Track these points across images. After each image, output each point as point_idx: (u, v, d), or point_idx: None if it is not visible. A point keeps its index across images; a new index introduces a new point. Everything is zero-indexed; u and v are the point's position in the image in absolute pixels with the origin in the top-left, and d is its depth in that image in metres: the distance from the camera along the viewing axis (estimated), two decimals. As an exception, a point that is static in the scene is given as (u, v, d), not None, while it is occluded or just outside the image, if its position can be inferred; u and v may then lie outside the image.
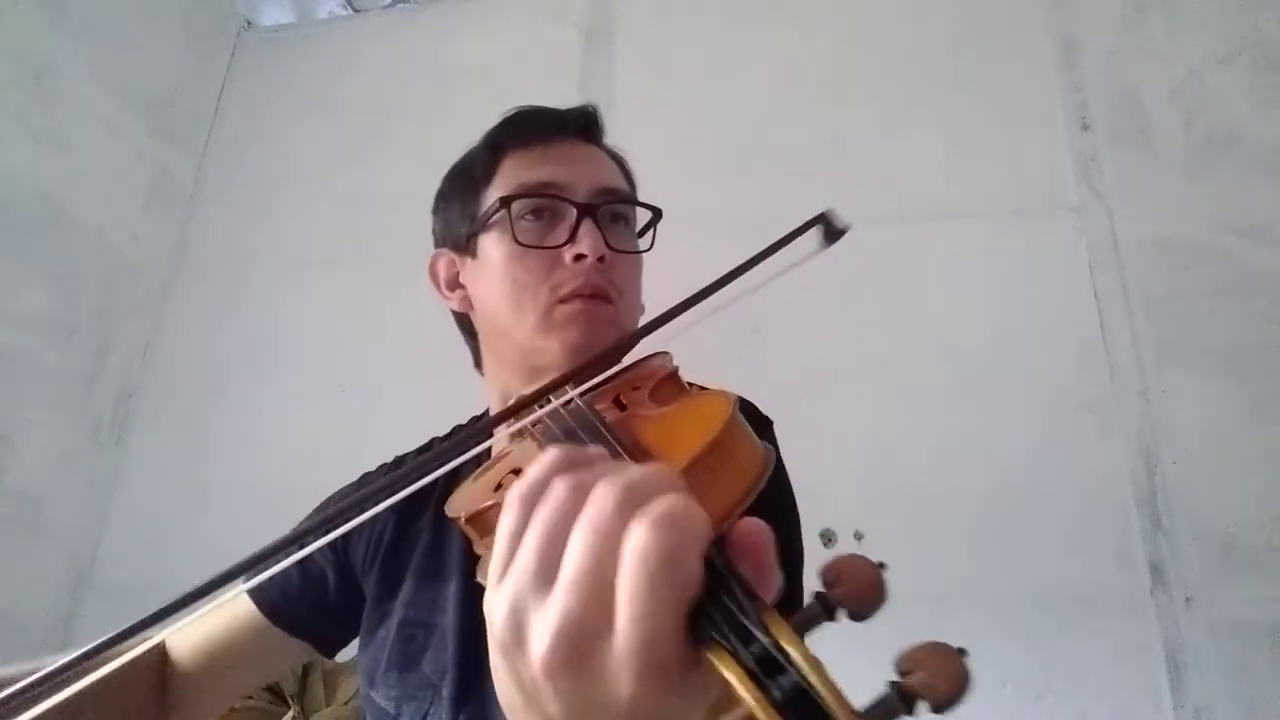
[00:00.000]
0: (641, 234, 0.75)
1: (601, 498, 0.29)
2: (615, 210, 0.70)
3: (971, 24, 1.64)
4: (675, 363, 0.59)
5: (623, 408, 0.52)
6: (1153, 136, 1.47)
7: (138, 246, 1.80)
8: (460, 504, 0.50)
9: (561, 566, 0.29)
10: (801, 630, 0.27)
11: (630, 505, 0.29)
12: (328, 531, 0.40)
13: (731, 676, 0.25)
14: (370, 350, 1.68)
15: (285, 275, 1.81)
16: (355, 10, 2.07)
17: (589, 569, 0.28)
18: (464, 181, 0.75)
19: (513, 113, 0.75)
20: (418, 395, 1.41)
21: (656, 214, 0.75)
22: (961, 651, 0.25)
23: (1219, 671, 1.15)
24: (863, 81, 1.65)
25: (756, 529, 0.30)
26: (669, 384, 0.56)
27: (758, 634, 0.26)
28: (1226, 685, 1.14)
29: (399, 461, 0.82)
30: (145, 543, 1.64)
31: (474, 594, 0.67)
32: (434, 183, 0.84)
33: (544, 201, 0.67)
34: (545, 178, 0.68)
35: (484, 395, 0.79)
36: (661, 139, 1.70)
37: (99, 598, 1.61)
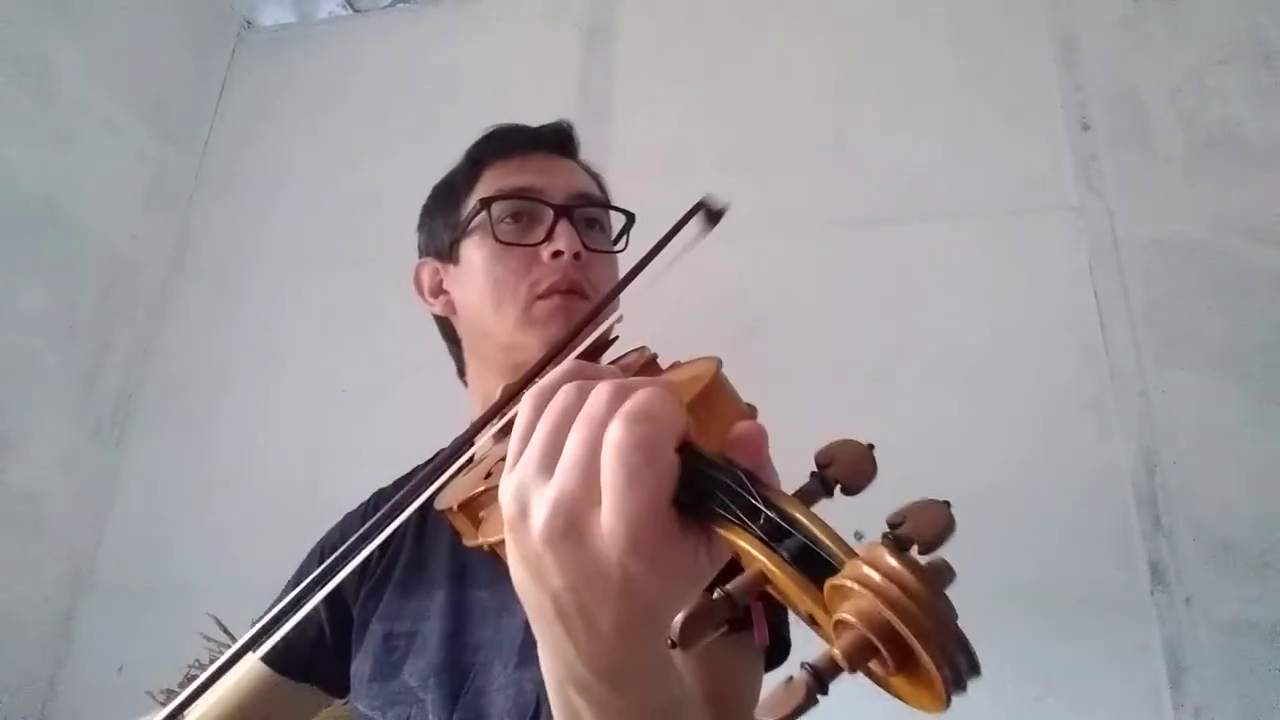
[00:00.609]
0: (617, 239, 0.79)
1: (596, 395, 0.33)
2: (590, 215, 0.75)
3: (972, 23, 1.64)
4: (651, 351, 0.61)
5: None
6: (1153, 136, 1.47)
7: (138, 246, 1.80)
8: (451, 496, 0.51)
9: (565, 459, 0.32)
10: (802, 501, 0.30)
11: (620, 401, 0.32)
12: (325, 582, 0.43)
13: (743, 544, 0.28)
14: (370, 350, 1.68)
15: (285, 275, 1.81)
16: (355, 10, 2.07)
17: (582, 455, 0.32)
18: (446, 194, 0.79)
19: (492, 129, 0.80)
20: (418, 395, 1.41)
21: (630, 219, 0.79)
22: (946, 503, 0.28)
23: (1219, 671, 1.15)
24: (863, 81, 1.65)
25: (750, 427, 0.35)
26: (649, 369, 0.58)
27: (762, 507, 0.29)
28: (1226, 685, 1.14)
29: (379, 495, 0.83)
30: (145, 543, 1.64)
31: (460, 602, 0.68)
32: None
33: (522, 204, 0.71)
34: (523, 183, 0.72)
35: (468, 407, 0.80)
36: (661, 138, 1.70)
37: (99, 598, 1.61)
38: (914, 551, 0.26)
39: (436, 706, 0.63)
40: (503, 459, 0.51)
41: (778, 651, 0.61)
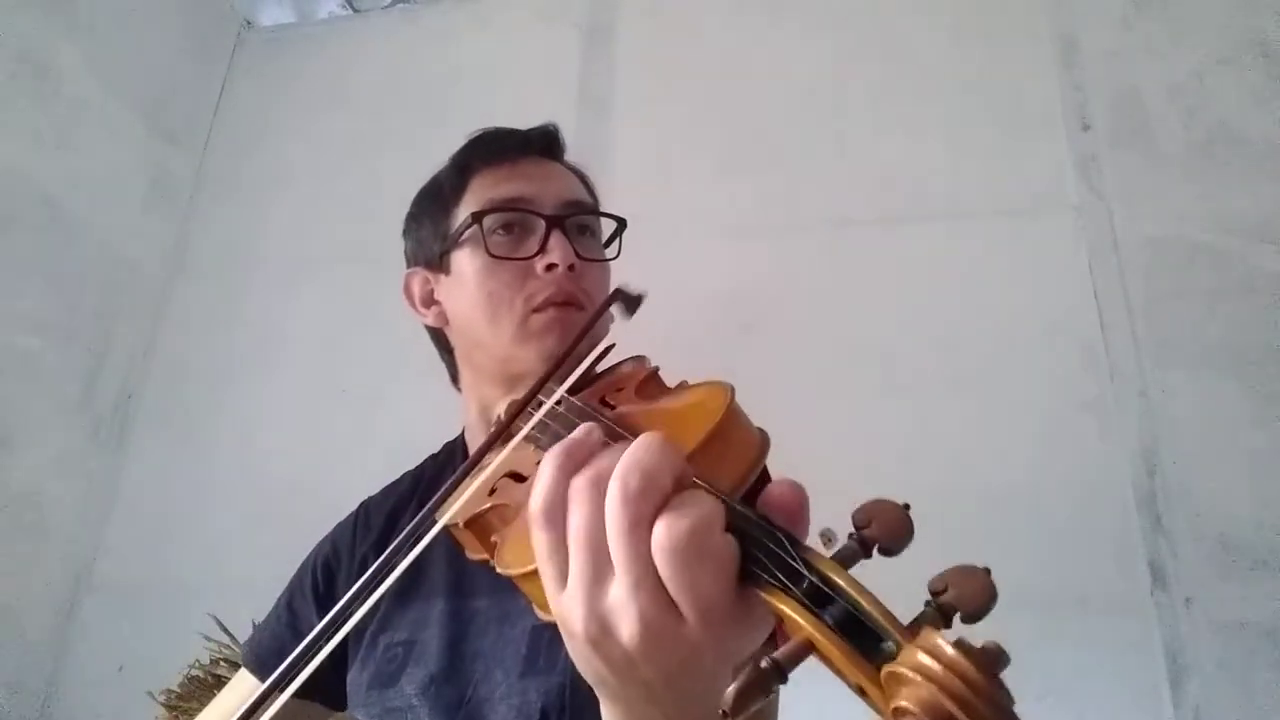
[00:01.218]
0: (608, 244, 0.79)
1: (619, 500, 0.32)
2: (582, 222, 0.74)
3: (971, 24, 1.64)
4: (653, 364, 0.61)
5: (611, 408, 0.53)
6: (1153, 136, 1.47)
7: (138, 246, 1.80)
8: (454, 512, 0.50)
9: (615, 565, 0.33)
10: (843, 564, 0.30)
11: (648, 494, 0.32)
12: (348, 614, 0.43)
13: (789, 611, 0.29)
14: (370, 350, 1.68)
15: (285, 275, 1.81)
16: (355, 10, 2.07)
17: (643, 568, 0.32)
18: (434, 202, 0.78)
19: (478, 134, 0.79)
20: (418, 395, 1.41)
21: (621, 224, 0.78)
22: (986, 570, 0.29)
23: (1219, 671, 1.15)
24: (863, 81, 1.65)
25: (790, 488, 0.35)
26: (652, 382, 0.58)
27: (805, 572, 0.29)
28: (1226, 685, 1.14)
29: (367, 506, 0.83)
30: (145, 543, 1.64)
31: (459, 611, 0.68)
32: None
33: (514, 216, 0.71)
34: (513, 193, 0.71)
35: (461, 412, 0.80)
36: (661, 139, 1.70)
37: (99, 598, 1.61)
38: (958, 620, 0.26)
39: (435, 716, 0.62)
40: (506, 475, 0.51)
41: None
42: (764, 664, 0.27)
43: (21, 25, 1.56)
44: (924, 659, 0.24)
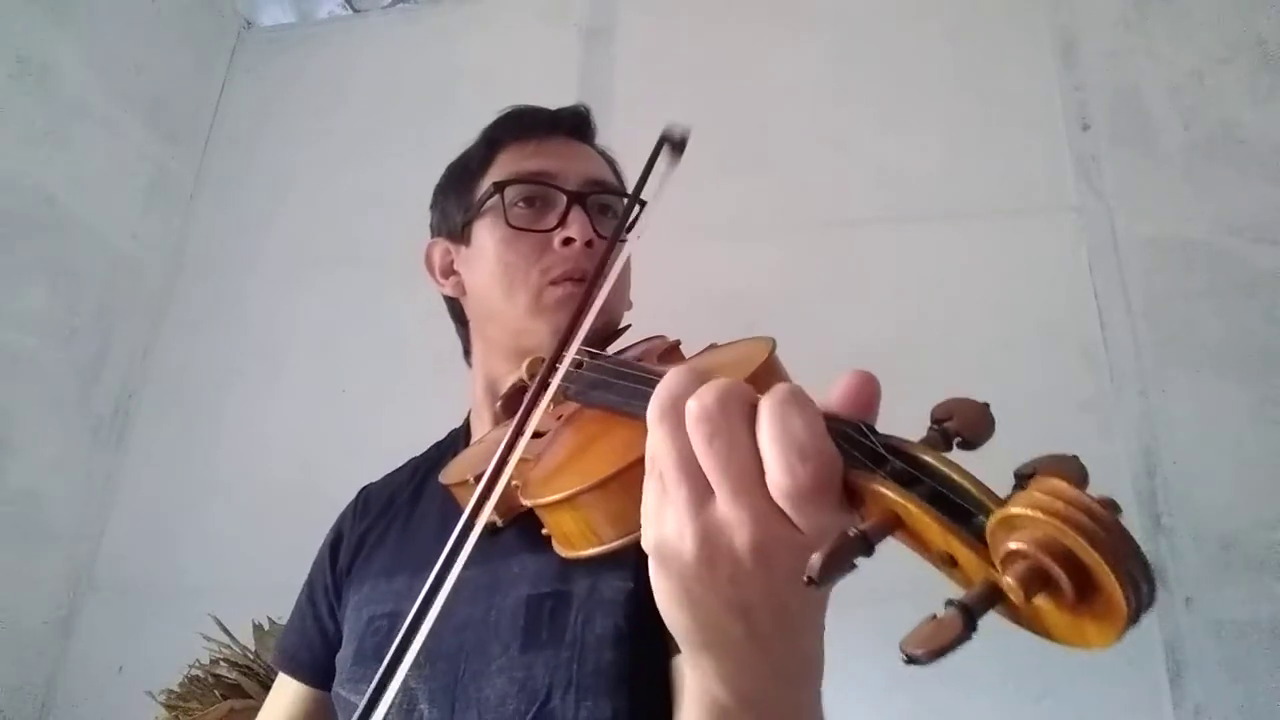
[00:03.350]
0: (630, 226, 0.78)
1: (722, 405, 0.32)
2: (604, 201, 0.74)
3: (971, 24, 1.64)
4: (674, 339, 0.60)
5: None
6: (1153, 136, 1.47)
7: (138, 246, 1.80)
8: (466, 467, 0.50)
9: (714, 482, 0.32)
10: (929, 446, 0.30)
11: (733, 400, 0.33)
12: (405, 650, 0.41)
13: (879, 488, 0.28)
14: (370, 350, 1.68)
15: (285, 275, 1.81)
16: (355, 10, 2.07)
17: (747, 469, 0.31)
18: (461, 174, 0.78)
19: (509, 110, 0.79)
20: (418, 395, 1.41)
21: (642, 205, 0.77)
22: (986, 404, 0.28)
23: (1219, 671, 1.15)
24: (863, 81, 1.65)
25: (864, 377, 0.36)
26: (675, 353, 0.57)
27: (888, 455, 0.29)
28: (1226, 685, 1.14)
29: (367, 492, 0.83)
30: (146, 543, 1.63)
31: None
32: (434, 182, 0.84)
33: (536, 189, 0.71)
34: (538, 167, 0.72)
35: (470, 388, 0.80)
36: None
37: (99, 598, 1.60)
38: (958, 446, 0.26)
39: (429, 691, 0.60)
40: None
41: None
42: (851, 533, 0.26)
43: (21, 25, 1.56)
44: (1044, 497, 0.23)
